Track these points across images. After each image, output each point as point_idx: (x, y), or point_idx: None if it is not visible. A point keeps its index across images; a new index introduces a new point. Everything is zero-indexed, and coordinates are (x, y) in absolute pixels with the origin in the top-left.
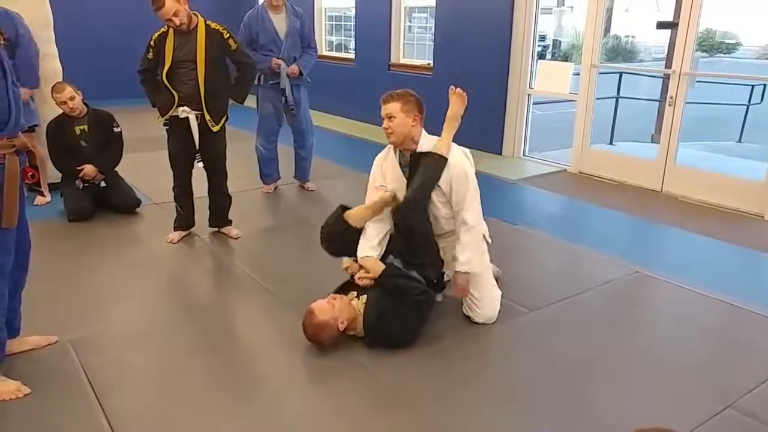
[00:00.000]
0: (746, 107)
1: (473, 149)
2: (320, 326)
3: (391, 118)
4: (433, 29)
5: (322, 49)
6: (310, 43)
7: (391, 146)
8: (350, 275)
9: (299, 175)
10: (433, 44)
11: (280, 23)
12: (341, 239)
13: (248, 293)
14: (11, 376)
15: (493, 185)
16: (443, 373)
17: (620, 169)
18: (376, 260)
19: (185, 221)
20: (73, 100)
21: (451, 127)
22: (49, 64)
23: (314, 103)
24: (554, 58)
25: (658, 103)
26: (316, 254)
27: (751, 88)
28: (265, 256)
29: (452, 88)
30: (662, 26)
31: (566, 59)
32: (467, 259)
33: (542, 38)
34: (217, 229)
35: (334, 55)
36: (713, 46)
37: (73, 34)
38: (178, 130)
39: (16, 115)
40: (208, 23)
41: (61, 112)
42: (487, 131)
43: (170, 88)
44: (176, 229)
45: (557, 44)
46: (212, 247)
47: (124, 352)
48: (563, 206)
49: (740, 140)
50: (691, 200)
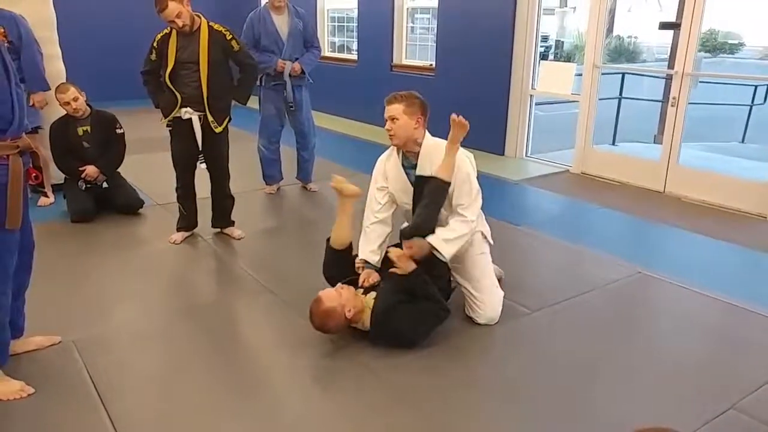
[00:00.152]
0: (749, 108)
1: (476, 150)
2: (327, 313)
3: (394, 120)
4: (435, 30)
5: (324, 50)
6: (313, 42)
7: (394, 148)
8: (357, 274)
9: (301, 176)
10: (435, 45)
11: (282, 24)
12: (336, 265)
13: (251, 294)
14: (15, 376)
15: (495, 186)
16: (445, 373)
17: (623, 169)
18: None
19: (188, 222)
20: (76, 101)
21: (452, 151)
22: (52, 65)
23: (316, 104)
24: (557, 58)
25: (660, 103)
26: (318, 255)
27: (754, 88)
28: (267, 256)
29: (454, 116)
30: (665, 27)
31: (569, 60)
32: (444, 238)
33: (545, 39)
34: (219, 229)
35: (336, 56)
36: (716, 46)
37: (76, 35)
38: (181, 131)
39: (19, 116)
40: (210, 24)
41: (64, 113)
42: (489, 132)
43: (173, 89)
44: (179, 229)
45: (560, 45)
46: (215, 247)
47: (127, 352)
48: (566, 207)
49: (743, 141)
50: (693, 201)
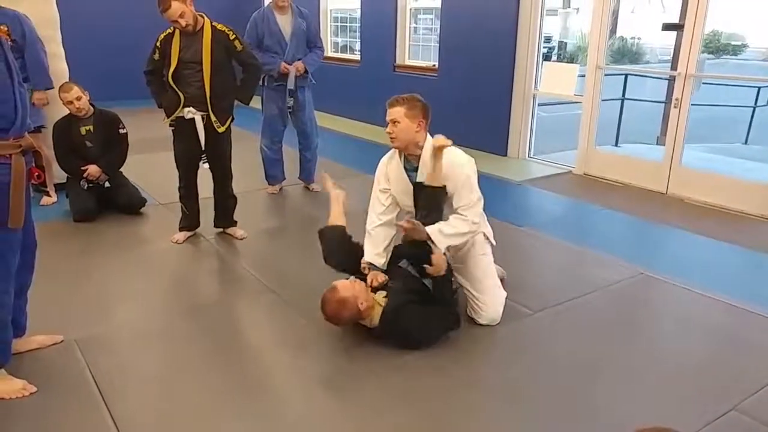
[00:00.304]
0: (752, 109)
1: (478, 150)
2: (342, 302)
3: (395, 122)
4: (438, 30)
5: (327, 50)
6: (316, 42)
7: (395, 150)
8: (358, 262)
9: (304, 176)
10: (438, 45)
11: (285, 24)
12: (337, 251)
13: (253, 294)
14: (17, 374)
15: (497, 186)
16: (446, 373)
17: (625, 170)
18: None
19: (190, 222)
20: (79, 100)
21: (437, 158)
22: (55, 64)
23: (319, 104)
24: (560, 59)
25: (663, 104)
26: (320, 255)
27: (757, 89)
28: (269, 256)
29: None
30: (668, 28)
31: (572, 61)
32: (441, 230)
33: (548, 40)
34: (222, 229)
35: (339, 56)
36: (719, 47)
37: (79, 34)
38: (183, 130)
39: (22, 115)
40: (214, 24)
41: (67, 112)
42: (492, 132)
43: (176, 89)
44: (181, 229)
45: (563, 46)
46: (217, 247)
47: (129, 351)
48: (568, 208)
49: (746, 142)
50: (696, 202)
